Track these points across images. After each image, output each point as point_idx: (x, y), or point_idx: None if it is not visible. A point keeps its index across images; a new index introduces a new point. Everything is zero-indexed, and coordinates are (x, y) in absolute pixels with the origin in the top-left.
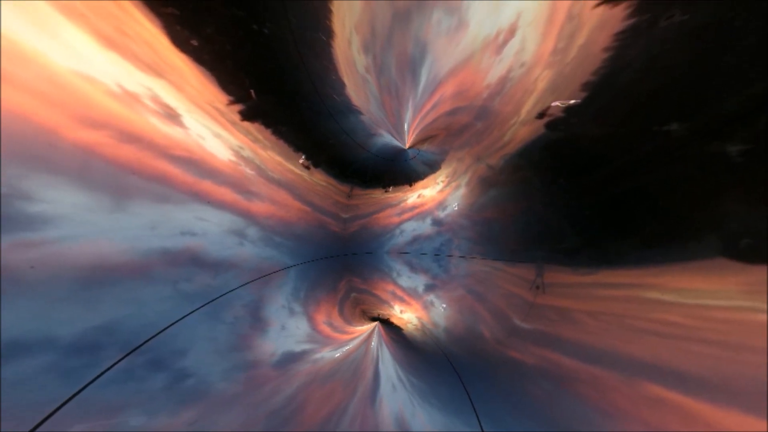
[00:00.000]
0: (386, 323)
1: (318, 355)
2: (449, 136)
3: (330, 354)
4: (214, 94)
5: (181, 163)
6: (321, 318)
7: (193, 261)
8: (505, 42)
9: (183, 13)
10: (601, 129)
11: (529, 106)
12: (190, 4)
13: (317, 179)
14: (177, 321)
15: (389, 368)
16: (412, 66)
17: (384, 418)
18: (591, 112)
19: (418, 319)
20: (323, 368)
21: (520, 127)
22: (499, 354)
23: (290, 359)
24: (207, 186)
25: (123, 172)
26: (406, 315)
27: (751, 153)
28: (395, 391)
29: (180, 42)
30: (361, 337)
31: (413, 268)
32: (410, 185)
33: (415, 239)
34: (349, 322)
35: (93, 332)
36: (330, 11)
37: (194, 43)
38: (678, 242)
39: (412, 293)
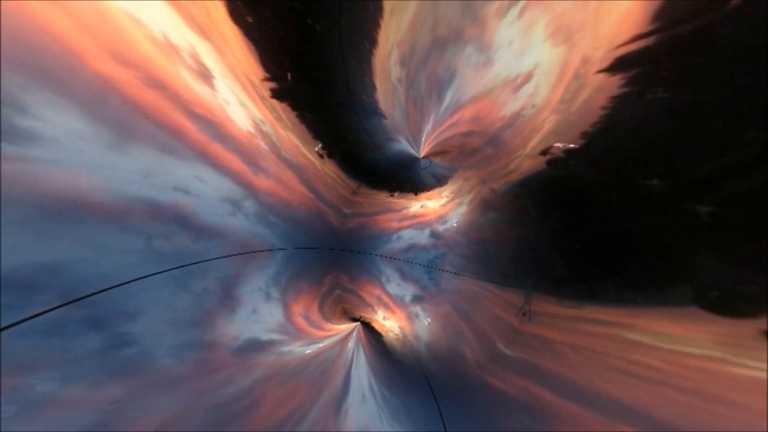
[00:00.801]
0: (367, 327)
1: (286, 348)
2: (461, 155)
3: (300, 349)
4: (252, 68)
5: (199, 121)
6: (298, 309)
7: (178, 220)
8: (522, 84)
9: None
10: (594, 174)
11: (534, 143)
12: None
13: (328, 169)
14: (137, 279)
15: (362, 375)
16: (439, 86)
17: (347, 430)
18: (587, 158)
19: (401, 329)
20: (289, 363)
21: (525, 159)
22: (479, 379)
23: (254, 347)
24: (217, 149)
25: (136, 114)
26: (389, 323)
27: (718, 215)
28: (364, 402)
29: (236, 15)
30: (338, 337)
31: (404, 275)
32: (416, 194)
33: (411, 247)
34: (327, 318)
35: (34, 269)
36: (379, 24)
37: (249, 19)
38: (656, 287)
39: (399, 301)
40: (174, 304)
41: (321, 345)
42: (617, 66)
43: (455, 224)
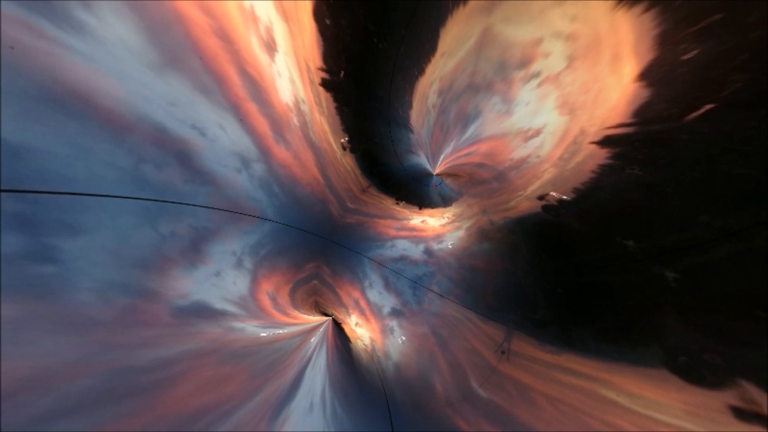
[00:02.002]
0: (337, 327)
1: (238, 325)
2: (470, 182)
3: (254, 329)
4: (313, 57)
5: (246, 79)
6: (267, 287)
7: (179, 155)
8: (532, 137)
9: (335, 2)
10: (580, 225)
11: (534, 187)
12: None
13: (346, 161)
14: (103, 195)
15: (317, 379)
16: (465, 119)
17: None
18: (576, 210)
19: (371, 340)
20: (234, 342)
21: (524, 200)
22: (445, 418)
23: (200, 312)
24: (250, 108)
25: (191, 51)
26: (360, 330)
27: (682, 282)
28: (311, 413)
29: (318, 14)
30: (302, 327)
31: (388, 285)
32: (420, 208)
33: (402, 258)
34: (296, 306)
35: None
36: (429, 59)
37: (327, 21)
38: (630, 343)
39: (376, 310)
40: (129, 236)
41: (280, 331)
42: (605, 142)
43: (450, 246)
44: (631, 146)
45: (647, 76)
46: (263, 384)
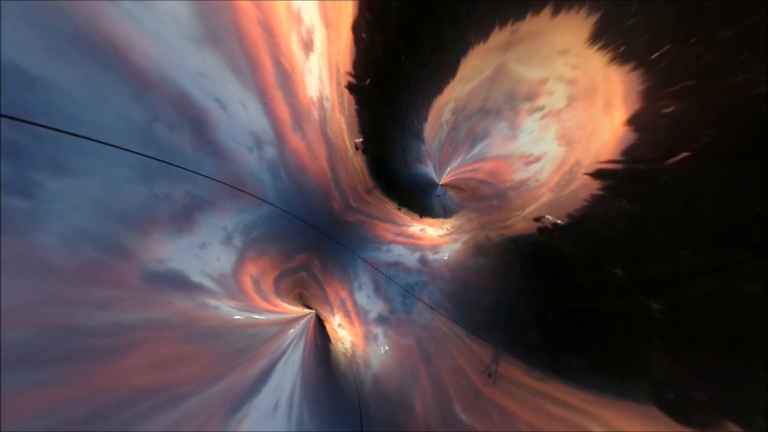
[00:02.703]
0: (319, 323)
1: (212, 302)
2: (472, 196)
3: (228, 309)
4: (345, 61)
5: (278, 68)
6: (252, 269)
7: (195, 122)
8: (532, 162)
9: (375, 19)
10: (572, 249)
11: (531, 209)
12: (389, 14)
13: (356, 160)
14: (107, 143)
15: (287, 377)
16: (473, 138)
17: None
18: (568, 235)
19: (352, 345)
20: (204, 320)
21: (521, 219)
22: None
23: (174, 282)
24: (276, 95)
25: (234, 32)
26: (342, 332)
27: (666, 315)
28: (274, 414)
29: (357, 26)
30: (283, 317)
31: (378, 289)
32: (420, 216)
33: (396, 264)
34: (279, 295)
35: (14, 68)
36: (448, 82)
37: (363, 35)
38: (618, 375)
39: (362, 314)
40: (119, 189)
41: (257, 317)
42: (597, 174)
43: (445, 257)
44: (620, 181)
45: (634, 122)
46: (226, 372)
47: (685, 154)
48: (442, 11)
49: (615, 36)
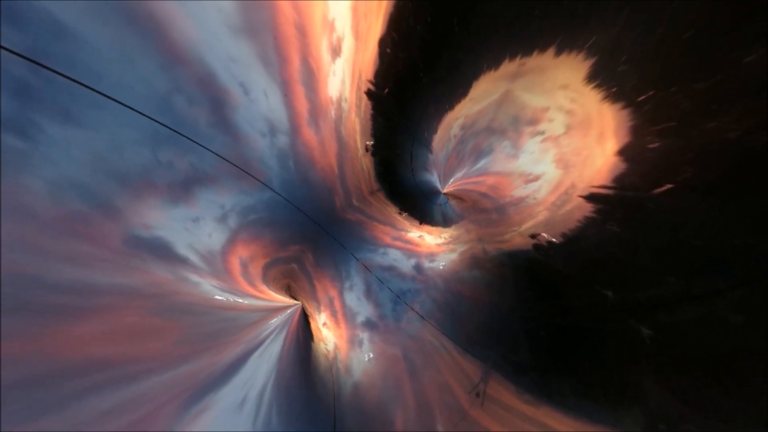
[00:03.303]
0: (304, 318)
1: (193, 277)
2: (472, 208)
3: (209, 288)
4: (368, 70)
5: (304, 66)
6: (243, 252)
7: (215, 102)
8: (531, 181)
9: (400, 38)
10: (565, 268)
11: (528, 225)
12: (414, 36)
13: (364, 162)
14: (122, 103)
15: (261, 372)
16: (478, 153)
17: None
18: (562, 254)
19: (335, 348)
20: (180, 295)
21: (517, 235)
22: None
23: (157, 250)
24: (298, 90)
25: (270, 28)
26: (326, 332)
27: (655, 339)
28: (239, 411)
29: (383, 43)
30: (267, 304)
31: (369, 292)
32: (420, 223)
33: (391, 268)
34: (266, 282)
35: (46, 20)
36: (460, 101)
37: (388, 50)
38: (610, 403)
39: (349, 316)
40: (123, 148)
41: (239, 300)
42: (590, 198)
43: (441, 266)
44: (611, 205)
45: (623, 153)
46: (195, 354)
47: (668, 185)
48: (461, 40)
49: (608, 78)
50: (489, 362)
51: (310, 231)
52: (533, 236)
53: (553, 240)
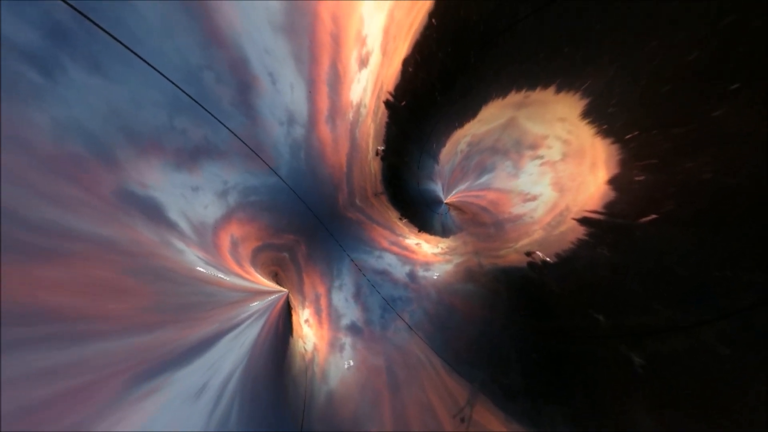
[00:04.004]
0: (287, 308)
1: (179, 245)
2: (472, 220)
3: (193, 258)
4: (389, 83)
5: (332, 70)
6: (236, 230)
7: (242, 84)
8: (529, 200)
9: (423, 60)
10: (558, 288)
11: (524, 242)
12: (435, 61)
13: (372, 164)
14: (152, 66)
15: (232, 355)
16: (482, 169)
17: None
18: (556, 274)
19: (314, 349)
20: (162, 259)
21: (513, 252)
22: None
23: (147, 209)
24: (323, 88)
25: (307, 32)
26: (307, 330)
27: (648, 369)
28: (196, 400)
29: (407, 62)
30: (252, 285)
31: (358, 294)
32: (419, 230)
33: (384, 273)
34: (254, 265)
35: None
36: (469, 120)
37: (410, 69)
38: None
39: (334, 317)
40: (141, 106)
41: (222, 276)
42: (582, 221)
43: (435, 276)
44: (602, 230)
45: (613, 183)
46: (161, 324)
47: (653, 216)
48: (475, 70)
49: (599, 117)
50: (477, 383)
51: (309, 223)
52: (528, 254)
53: (548, 259)
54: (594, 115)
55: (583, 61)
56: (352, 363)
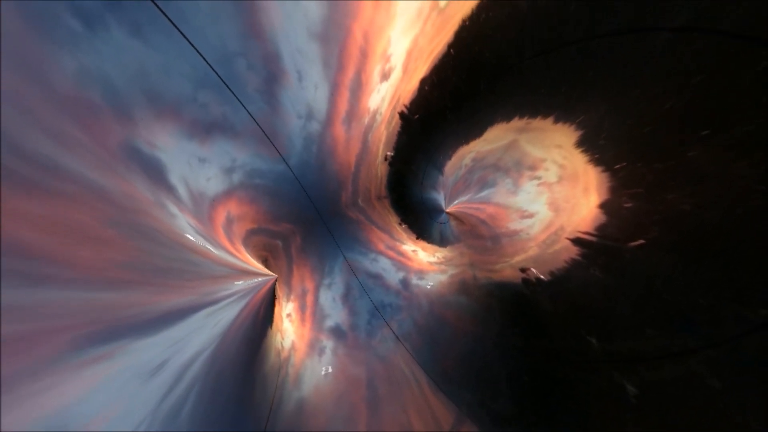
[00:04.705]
0: (272, 295)
1: (173, 209)
2: (470, 232)
3: (184, 225)
4: (405, 97)
5: (356, 78)
6: (233, 207)
7: (270, 75)
8: (526, 217)
9: (439, 82)
10: (551, 307)
11: (519, 258)
12: (449, 84)
13: (379, 168)
14: (191, 43)
15: (204, 333)
16: (483, 184)
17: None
18: (549, 292)
19: (291, 348)
20: (151, 218)
21: (508, 267)
22: None
23: (148, 168)
24: (344, 92)
25: (340, 43)
26: (287, 325)
27: (641, 399)
28: (147, 380)
29: (424, 81)
30: (240, 264)
31: (347, 296)
32: (417, 237)
33: (377, 276)
34: (245, 245)
35: None
36: (475, 138)
37: (426, 87)
38: None
39: (318, 316)
40: (169, 74)
41: (210, 248)
42: (576, 242)
43: (428, 286)
44: (594, 251)
45: (604, 207)
46: (131, 284)
47: (641, 240)
48: (484, 96)
49: (592, 147)
50: (464, 407)
51: (308, 215)
52: (523, 270)
53: (541, 277)
54: (587, 144)
55: (578, 99)
56: (330, 370)
